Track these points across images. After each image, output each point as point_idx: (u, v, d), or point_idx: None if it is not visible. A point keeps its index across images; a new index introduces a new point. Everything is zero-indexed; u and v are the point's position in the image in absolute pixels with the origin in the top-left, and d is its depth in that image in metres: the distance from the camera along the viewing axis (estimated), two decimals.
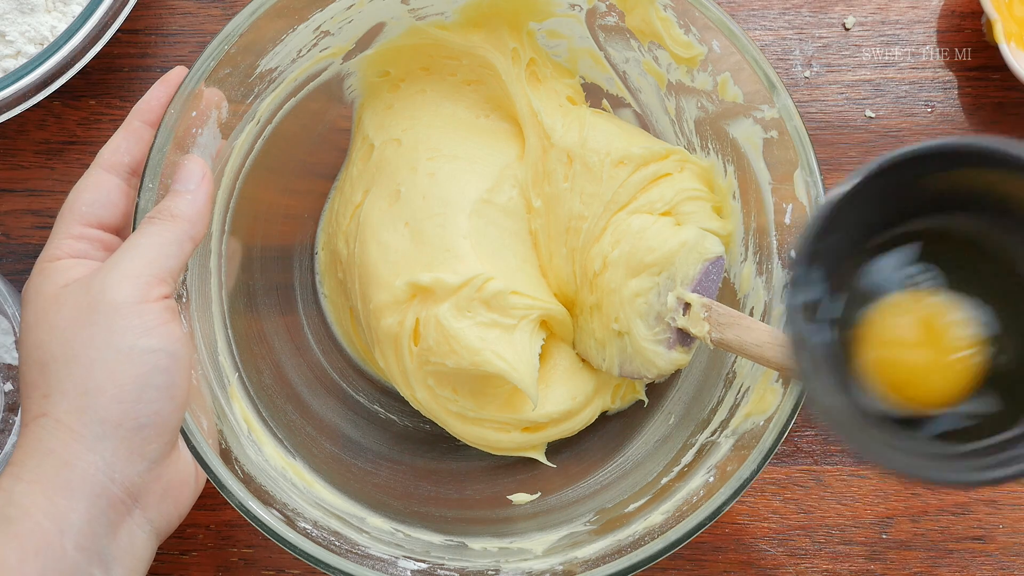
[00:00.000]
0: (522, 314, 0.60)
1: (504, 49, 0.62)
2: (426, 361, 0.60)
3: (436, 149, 0.62)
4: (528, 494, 0.62)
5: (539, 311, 0.60)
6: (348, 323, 0.67)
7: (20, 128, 0.69)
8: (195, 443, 0.51)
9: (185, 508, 0.53)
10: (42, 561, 0.46)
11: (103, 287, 0.49)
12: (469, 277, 0.58)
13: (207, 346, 0.57)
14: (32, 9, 0.65)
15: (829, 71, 0.70)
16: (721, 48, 0.56)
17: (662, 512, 0.54)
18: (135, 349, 0.48)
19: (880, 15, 0.70)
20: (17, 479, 0.47)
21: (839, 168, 0.69)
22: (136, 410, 0.48)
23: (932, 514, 0.66)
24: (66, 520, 0.47)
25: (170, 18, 0.70)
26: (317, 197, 0.68)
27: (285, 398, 0.62)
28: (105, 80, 0.69)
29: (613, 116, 0.65)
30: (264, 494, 0.53)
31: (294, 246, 0.67)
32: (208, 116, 0.54)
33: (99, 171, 0.54)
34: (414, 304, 0.60)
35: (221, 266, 0.60)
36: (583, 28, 0.62)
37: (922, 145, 0.39)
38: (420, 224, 0.60)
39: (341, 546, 0.53)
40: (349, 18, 0.59)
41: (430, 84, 0.65)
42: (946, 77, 0.70)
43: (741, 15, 0.70)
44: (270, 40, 0.56)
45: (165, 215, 0.51)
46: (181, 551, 0.65)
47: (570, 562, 0.54)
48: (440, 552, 0.56)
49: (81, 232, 0.53)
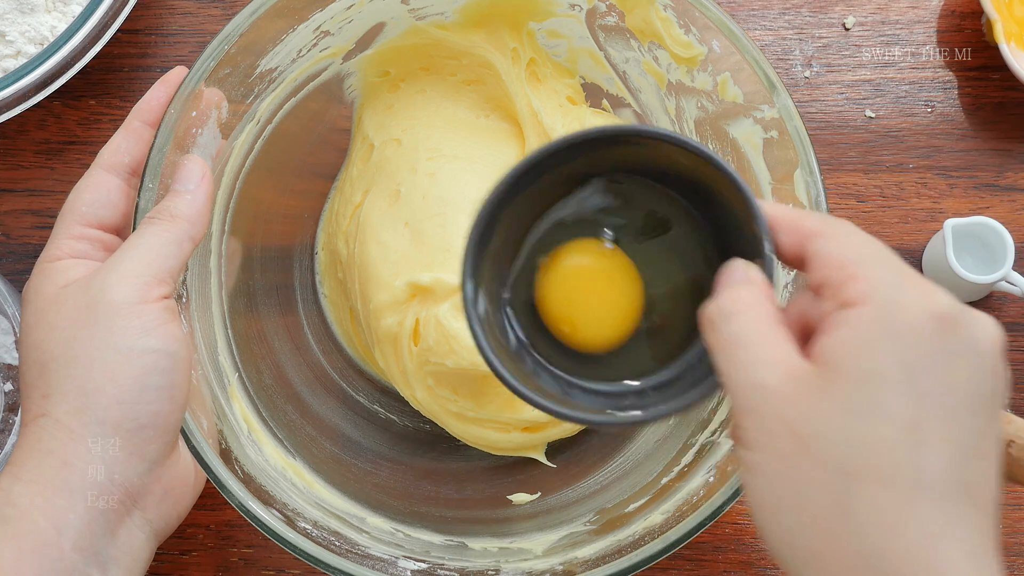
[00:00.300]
0: None
1: (504, 49, 0.62)
2: (426, 361, 0.60)
3: (436, 149, 0.62)
4: (528, 494, 0.62)
5: None
6: (348, 323, 0.67)
7: (20, 128, 0.69)
8: (195, 443, 0.51)
9: (185, 509, 0.53)
10: (39, 561, 0.46)
11: (102, 287, 0.49)
12: None
13: (207, 346, 0.57)
14: (32, 9, 0.65)
15: (829, 71, 0.70)
16: (721, 48, 0.56)
17: (662, 512, 0.54)
18: (134, 350, 0.48)
19: (880, 15, 0.70)
20: (16, 479, 0.47)
21: (839, 168, 0.69)
22: (135, 411, 0.48)
23: None
24: (64, 520, 0.47)
25: (170, 18, 0.70)
26: (317, 197, 0.68)
27: (285, 398, 0.62)
28: (105, 80, 0.69)
29: (613, 116, 0.65)
30: (264, 494, 0.53)
31: (294, 246, 0.67)
32: (208, 116, 0.54)
33: (99, 171, 0.54)
34: (414, 304, 0.60)
35: (221, 266, 0.60)
36: (583, 28, 0.62)
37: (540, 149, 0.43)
38: (420, 224, 0.60)
39: (341, 546, 0.53)
40: (349, 18, 0.59)
41: (430, 84, 0.65)
42: (946, 77, 0.70)
43: (741, 15, 0.70)
44: (270, 40, 0.56)
45: (165, 215, 0.51)
46: (181, 551, 0.65)
47: (570, 562, 0.54)
48: (440, 552, 0.56)
49: (81, 232, 0.53)
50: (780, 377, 0.38)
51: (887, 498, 0.36)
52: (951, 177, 0.69)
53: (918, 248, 0.68)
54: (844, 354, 0.37)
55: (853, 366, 0.37)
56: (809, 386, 0.37)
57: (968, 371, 0.37)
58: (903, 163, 0.69)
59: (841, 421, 0.36)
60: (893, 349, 0.36)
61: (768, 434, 0.38)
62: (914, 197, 0.69)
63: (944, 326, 0.37)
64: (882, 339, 0.36)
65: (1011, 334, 0.68)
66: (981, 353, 0.37)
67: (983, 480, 0.37)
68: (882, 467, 0.36)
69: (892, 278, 0.38)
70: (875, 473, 0.36)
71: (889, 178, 0.69)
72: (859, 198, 0.69)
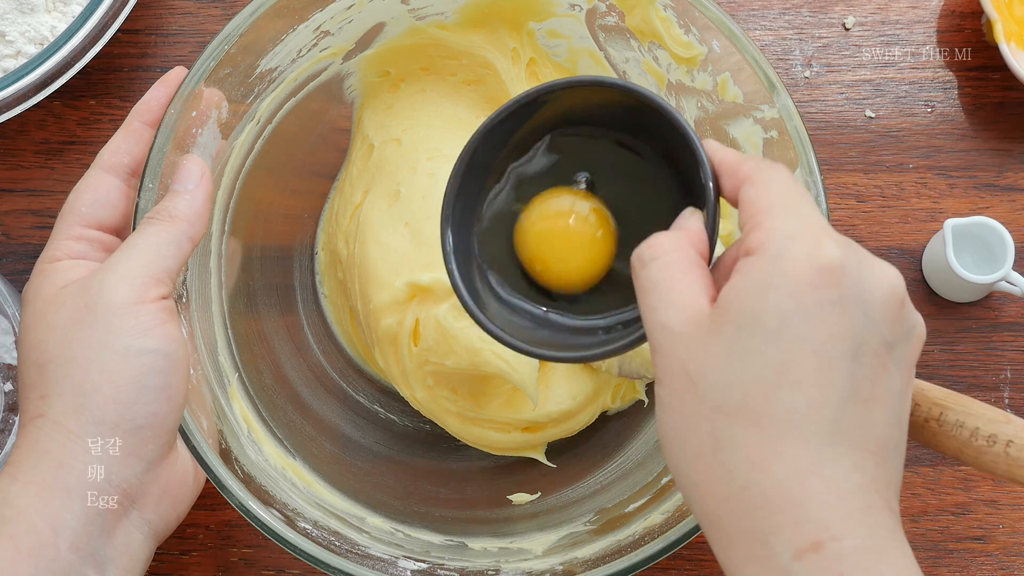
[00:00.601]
0: None
1: (504, 49, 0.62)
2: (426, 361, 0.60)
3: (436, 149, 0.62)
4: (528, 494, 0.62)
5: None
6: (348, 323, 0.67)
7: (20, 128, 0.69)
8: (195, 443, 0.51)
9: (184, 509, 0.53)
10: (35, 561, 0.46)
11: (100, 288, 0.49)
12: None
13: (207, 346, 0.57)
14: (32, 9, 0.65)
15: (829, 71, 0.70)
16: (721, 48, 0.56)
17: (662, 512, 0.54)
18: (131, 350, 0.48)
19: (880, 15, 0.70)
20: (13, 479, 0.47)
21: (839, 168, 0.69)
22: (133, 411, 0.48)
23: (932, 514, 0.66)
24: (61, 521, 0.47)
25: (170, 18, 0.70)
26: (317, 197, 0.68)
27: (285, 398, 0.62)
28: (105, 80, 0.69)
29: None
30: (264, 494, 0.53)
31: (294, 246, 0.67)
32: (208, 116, 0.54)
33: (99, 172, 0.54)
34: (414, 304, 0.60)
35: (221, 266, 0.60)
36: (583, 28, 0.62)
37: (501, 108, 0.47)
38: (420, 224, 0.60)
39: (341, 546, 0.53)
40: (349, 18, 0.59)
41: (430, 84, 0.65)
42: (946, 77, 0.70)
43: (741, 15, 0.70)
44: (270, 40, 0.56)
45: (163, 215, 0.51)
46: (181, 551, 0.65)
47: (570, 562, 0.54)
48: (440, 552, 0.56)
49: (80, 233, 0.53)
50: (682, 320, 0.40)
51: (754, 435, 0.38)
52: (951, 177, 0.69)
53: (918, 248, 0.68)
54: (732, 300, 0.39)
55: (737, 312, 0.39)
56: (703, 329, 0.40)
57: (848, 320, 0.38)
58: (903, 163, 0.69)
59: (722, 362, 0.39)
60: (773, 297, 0.38)
61: (668, 372, 0.41)
62: (914, 197, 0.69)
63: (824, 277, 0.38)
64: (765, 288, 0.39)
65: (1011, 334, 0.68)
66: (868, 302, 0.39)
67: (866, 424, 0.39)
68: (751, 406, 0.39)
69: (789, 228, 0.39)
70: (744, 412, 0.39)
71: (889, 178, 0.69)
72: (859, 198, 0.69)
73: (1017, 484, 0.45)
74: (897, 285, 0.40)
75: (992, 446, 0.43)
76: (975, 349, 0.68)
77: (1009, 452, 0.43)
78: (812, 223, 0.40)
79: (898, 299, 0.40)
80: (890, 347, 0.39)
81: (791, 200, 0.41)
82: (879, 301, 0.39)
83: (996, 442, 0.43)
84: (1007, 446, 0.43)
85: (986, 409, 0.44)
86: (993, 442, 0.43)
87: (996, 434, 0.43)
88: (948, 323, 0.68)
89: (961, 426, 0.44)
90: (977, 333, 0.68)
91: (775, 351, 0.38)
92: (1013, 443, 0.43)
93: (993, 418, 0.44)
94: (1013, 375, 0.67)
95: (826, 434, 0.38)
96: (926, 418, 0.45)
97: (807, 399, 0.38)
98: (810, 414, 0.38)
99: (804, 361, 0.38)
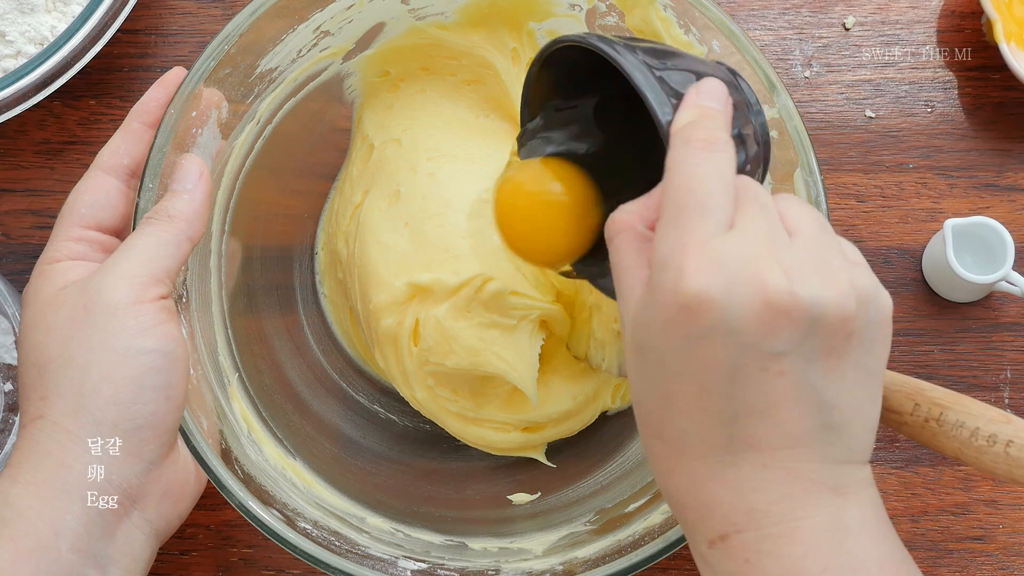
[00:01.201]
0: (522, 314, 0.60)
1: (504, 49, 0.62)
2: (426, 361, 0.60)
3: (436, 149, 0.62)
4: (528, 494, 0.62)
5: (539, 311, 0.60)
6: (348, 323, 0.67)
7: (20, 128, 0.69)
8: (195, 443, 0.51)
9: (185, 509, 0.53)
10: (36, 563, 0.46)
11: (99, 288, 0.49)
12: (468, 277, 0.58)
13: (207, 346, 0.57)
14: (32, 9, 0.65)
15: (829, 71, 0.70)
16: (721, 48, 0.56)
17: (662, 512, 0.54)
18: (130, 350, 0.48)
19: (880, 15, 0.70)
20: (14, 481, 0.47)
21: (839, 168, 0.69)
22: (132, 411, 0.48)
23: (932, 514, 0.66)
24: (61, 522, 0.47)
25: (170, 18, 0.70)
26: (317, 197, 0.68)
27: (285, 398, 0.62)
28: (105, 80, 0.69)
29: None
30: (264, 494, 0.53)
31: (294, 246, 0.67)
32: (208, 116, 0.54)
33: (98, 173, 0.54)
34: (413, 304, 0.60)
35: (221, 266, 0.60)
36: (583, 28, 0.62)
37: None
38: (420, 224, 0.60)
39: (341, 546, 0.53)
40: (349, 18, 0.59)
41: (430, 84, 0.65)
42: (946, 77, 0.70)
43: (741, 15, 0.70)
44: (270, 40, 0.56)
45: (162, 215, 0.51)
46: (181, 551, 0.65)
47: (570, 562, 0.54)
48: (440, 552, 0.56)
49: (80, 234, 0.53)
50: (628, 313, 0.42)
51: (662, 448, 0.43)
52: (951, 177, 0.69)
53: (918, 248, 0.68)
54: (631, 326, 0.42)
55: (634, 338, 0.42)
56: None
57: (717, 349, 0.40)
58: (903, 163, 0.69)
59: (634, 379, 0.43)
60: (650, 333, 0.41)
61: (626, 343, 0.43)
62: (914, 197, 0.69)
63: (685, 315, 0.39)
64: (645, 323, 0.41)
65: (1011, 334, 0.68)
66: (735, 329, 0.39)
67: (769, 429, 0.40)
68: (654, 424, 0.43)
69: (663, 252, 0.41)
70: (652, 427, 0.43)
71: (889, 178, 0.69)
72: (859, 198, 0.69)
73: (1017, 484, 0.45)
74: (769, 297, 0.39)
75: (992, 446, 0.43)
76: (975, 349, 0.68)
77: (1009, 452, 0.43)
78: (685, 242, 0.40)
79: (771, 311, 0.39)
80: (780, 355, 0.39)
81: (676, 207, 0.41)
82: (749, 322, 0.39)
83: (996, 442, 0.43)
84: (1007, 446, 0.43)
85: (986, 409, 0.44)
86: (993, 442, 0.43)
87: (996, 434, 0.43)
88: (948, 323, 0.68)
89: (961, 426, 0.44)
90: (977, 333, 0.68)
91: (661, 380, 0.41)
92: (1013, 443, 0.43)
93: (993, 418, 0.44)
94: (1013, 375, 0.67)
95: (722, 447, 0.41)
96: (926, 418, 0.45)
97: (694, 423, 0.41)
98: (700, 434, 0.41)
99: (685, 390, 0.41)
